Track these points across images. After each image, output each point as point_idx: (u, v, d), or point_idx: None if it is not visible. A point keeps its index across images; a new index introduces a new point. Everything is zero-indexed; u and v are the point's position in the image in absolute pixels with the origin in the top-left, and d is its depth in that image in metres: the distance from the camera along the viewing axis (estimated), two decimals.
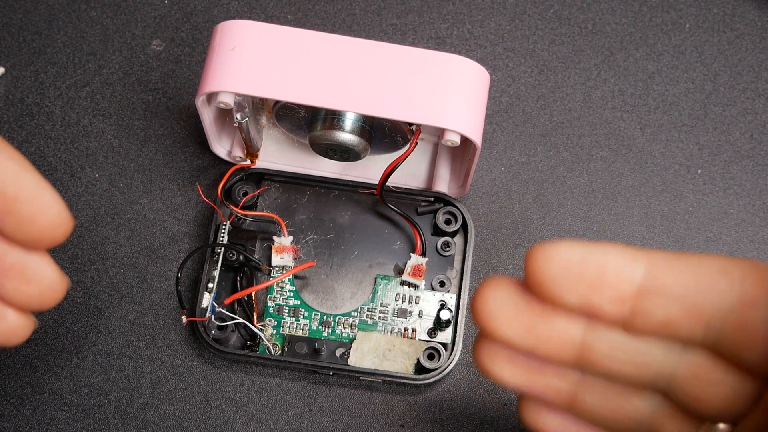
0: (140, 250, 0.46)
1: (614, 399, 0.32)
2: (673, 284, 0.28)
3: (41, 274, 0.32)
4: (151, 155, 0.48)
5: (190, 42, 0.50)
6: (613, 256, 0.28)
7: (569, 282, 0.28)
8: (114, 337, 0.44)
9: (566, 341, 0.30)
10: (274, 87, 0.39)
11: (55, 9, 0.50)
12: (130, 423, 0.43)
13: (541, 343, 0.30)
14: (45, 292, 0.33)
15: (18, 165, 0.31)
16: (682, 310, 0.28)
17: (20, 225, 0.31)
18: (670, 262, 0.28)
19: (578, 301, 0.29)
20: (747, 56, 0.50)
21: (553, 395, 0.32)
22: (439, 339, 0.44)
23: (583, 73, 0.50)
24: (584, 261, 0.28)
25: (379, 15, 0.51)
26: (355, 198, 0.46)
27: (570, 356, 0.30)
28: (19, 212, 0.31)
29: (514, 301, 0.30)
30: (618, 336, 0.30)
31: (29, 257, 0.32)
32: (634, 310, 0.29)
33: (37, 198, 0.31)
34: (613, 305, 0.29)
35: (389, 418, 0.43)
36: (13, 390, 0.43)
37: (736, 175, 0.48)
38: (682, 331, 0.29)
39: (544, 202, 0.47)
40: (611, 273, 0.28)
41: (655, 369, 0.30)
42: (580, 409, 0.32)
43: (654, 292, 0.28)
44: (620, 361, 0.30)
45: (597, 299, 0.28)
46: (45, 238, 0.31)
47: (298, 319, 0.44)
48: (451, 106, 0.40)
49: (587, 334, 0.30)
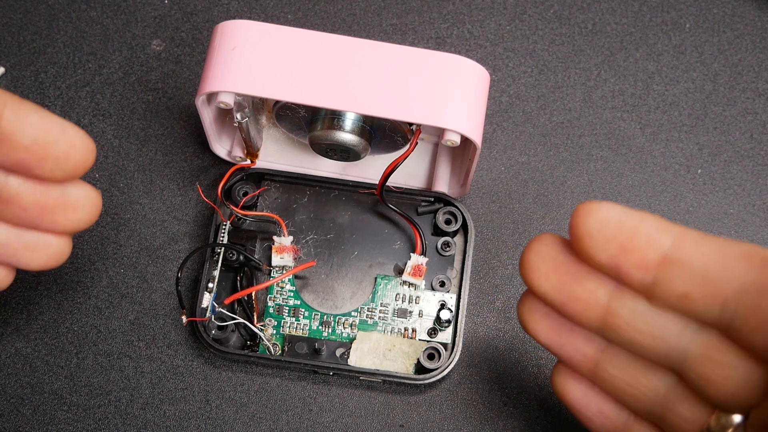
0: (140, 250, 0.46)
1: (633, 372, 0.34)
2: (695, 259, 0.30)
3: (83, 199, 0.36)
4: (151, 155, 0.48)
5: (190, 42, 0.50)
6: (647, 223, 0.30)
7: (603, 239, 0.31)
8: (114, 337, 0.44)
9: (593, 302, 0.32)
10: (274, 87, 0.39)
11: (55, 9, 0.50)
12: (130, 423, 0.43)
13: (571, 300, 0.33)
14: (91, 211, 0.36)
15: (38, 113, 0.34)
16: (701, 285, 0.30)
17: (57, 164, 0.34)
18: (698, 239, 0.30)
19: (608, 260, 0.31)
20: (747, 56, 0.50)
21: (579, 359, 0.35)
22: (439, 339, 0.44)
23: (583, 73, 0.50)
24: (620, 222, 0.31)
25: (379, 15, 0.51)
26: (355, 198, 0.46)
27: (595, 319, 0.33)
28: (54, 154, 0.33)
29: (555, 258, 0.33)
30: (640, 305, 0.32)
31: (68, 188, 0.35)
32: (657, 279, 0.30)
33: (64, 136, 0.34)
34: (638, 270, 0.30)
35: (389, 418, 0.44)
36: (13, 390, 0.43)
37: (736, 175, 0.48)
38: (698, 307, 0.30)
39: (544, 202, 0.47)
40: (641, 237, 0.30)
41: (670, 343, 0.31)
42: (602, 378, 0.35)
43: (677, 263, 0.30)
44: (640, 330, 0.32)
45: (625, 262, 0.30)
46: (79, 168, 0.34)
47: (298, 319, 0.44)
48: (451, 106, 0.40)
49: (613, 299, 0.32)
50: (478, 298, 0.46)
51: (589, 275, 0.32)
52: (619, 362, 0.34)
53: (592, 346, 0.34)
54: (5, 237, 0.36)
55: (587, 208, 0.31)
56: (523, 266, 0.34)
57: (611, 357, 0.34)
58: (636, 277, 0.31)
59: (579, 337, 0.35)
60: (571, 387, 0.36)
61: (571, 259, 0.32)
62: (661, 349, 0.32)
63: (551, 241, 0.33)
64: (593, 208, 0.31)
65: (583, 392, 0.36)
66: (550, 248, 0.33)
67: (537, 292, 0.34)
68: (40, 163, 0.34)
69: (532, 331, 0.36)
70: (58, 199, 0.35)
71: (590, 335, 0.34)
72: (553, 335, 0.35)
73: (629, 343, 0.33)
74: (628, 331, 0.32)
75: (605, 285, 0.32)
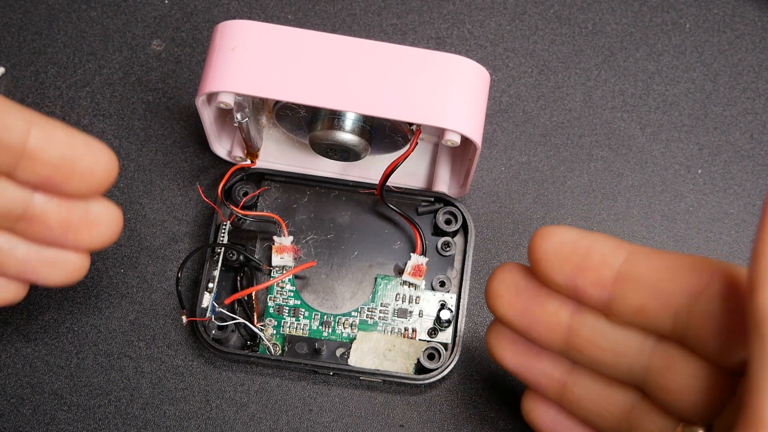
0: (140, 250, 0.46)
1: (598, 392, 0.35)
2: (647, 273, 0.31)
3: (106, 216, 0.36)
4: (151, 155, 0.48)
5: (190, 42, 0.50)
6: (600, 243, 0.32)
7: (559, 262, 0.32)
8: (114, 337, 0.44)
9: (556, 324, 0.34)
10: (274, 87, 0.39)
11: (55, 9, 0.50)
12: (130, 423, 0.43)
13: (535, 323, 0.34)
14: (113, 228, 0.37)
15: (64, 130, 0.34)
16: (654, 298, 0.31)
17: (83, 180, 0.34)
18: (649, 254, 0.31)
19: (566, 281, 0.32)
20: (747, 56, 0.50)
21: (546, 383, 0.36)
22: (439, 339, 0.44)
23: (583, 73, 0.50)
24: (575, 243, 0.32)
25: (379, 15, 0.51)
26: (355, 198, 0.46)
27: (559, 340, 0.34)
28: (81, 170, 0.34)
29: (517, 284, 0.34)
30: (600, 323, 0.33)
31: (91, 205, 0.36)
32: (613, 296, 0.32)
33: (89, 151, 0.34)
34: (594, 288, 0.32)
35: (389, 418, 0.43)
36: (13, 390, 0.43)
37: (736, 175, 0.48)
38: (653, 319, 0.31)
39: (544, 202, 0.47)
40: (596, 257, 0.32)
41: (631, 358, 0.33)
42: (569, 400, 0.36)
43: (630, 279, 0.31)
44: (601, 347, 0.33)
45: (581, 281, 0.32)
46: (104, 182, 0.35)
47: (299, 319, 0.44)
48: (451, 106, 0.40)
49: (574, 319, 0.33)
50: (478, 298, 0.46)
51: (550, 298, 0.34)
52: (585, 383, 0.35)
53: (558, 369, 0.36)
54: (25, 254, 0.36)
55: (543, 233, 0.33)
56: (488, 295, 0.35)
57: (577, 378, 0.35)
58: (593, 295, 0.32)
59: (545, 361, 0.36)
60: (540, 413, 0.38)
61: (532, 284, 0.34)
62: (623, 365, 0.33)
63: (513, 268, 0.35)
64: (549, 232, 0.33)
65: (551, 417, 0.37)
66: (513, 275, 0.34)
67: (502, 318, 0.35)
68: (68, 179, 0.34)
69: (499, 358, 0.37)
70: (81, 217, 0.36)
71: (556, 358, 0.36)
72: (520, 360, 0.36)
73: (592, 361, 0.34)
74: (590, 349, 0.33)
75: (566, 306, 0.33)
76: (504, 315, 0.35)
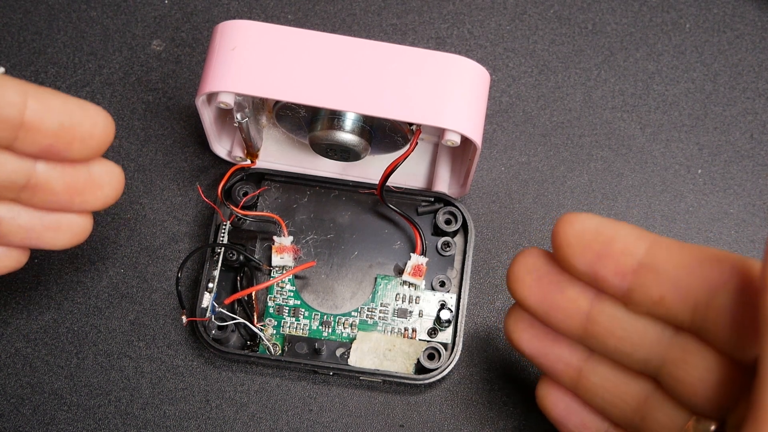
0: (140, 250, 0.46)
1: (614, 380, 0.35)
2: (668, 264, 0.31)
3: (108, 175, 0.36)
4: (151, 155, 0.48)
5: (190, 42, 0.50)
6: (623, 232, 0.32)
7: (581, 248, 0.32)
8: (114, 337, 0.44)
9: (575, 310, 0.34)
10: (274, 87, 0.39)
11: (55, 9, 0.50)
12: (130, 423, 0.43)
13: (554, 309, 0.34)
14: (117, 187, 0.37)
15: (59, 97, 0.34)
16: (673, 289, 0.31)
17: (83, 144, 0.34)
18: (671, 246, 0.31)
19: (587, 268, 0.32)
20: (747, 56, 0.50)
21: (562, 369, 0.36)
22: (439, 339, 0.44)
23: (583, 73, 0.50)
24: (597, 231, 0.32)
25: (379, 15, 0.51)
26: (355, 198, 0.46)
27: (577, 327, 0.34)
28: (80, 134, 0.34)
29: (538, 269, 0.34)
30: (619, 312, 0.33)
31: (93, 167, 0.36)
32: (633, 285, 0.32)
33: (86, 115, 0.34)
34: (615, 277, 0.32)
35: (389, 418, 0.43)
36: (13, 390, 0.43)
37: (736, 175, 0.48)
38: (672, 311, 0.31)
39: (544, 202, 0.47)
40: (617, 245, 0.32)
41: (649, 349, 0.33)
42: (585, 387, 0.36)
43: (651, 269, 0.31)
44: (619, 336, 0.33)
45: (602, 269, 0.32)
46: (103, 144, 0.35)
47: (298, 319, 0.44)
48: (451, 106, 0.40)
49: (593, 306, 0.33)
50: (478, 298, 0.46)
51: (571, 284, 0.34)
52: (601, 371, 0.35)
53: (575, 356, 0.36)
54: (29, 221, 0.36)
55: (567, 219, 0.33)
56: (509, 278, 0.35)
57: (593, 366, 0.35)
58: (613, 284, 0.32)
59: (562, 347, 0.36)
60: (554, 399, 0.38)
61: (554, 270, 0.34)
62: (640, 355, 0.33)
63: (536, 253, 0.35)
64: (572, 219, 0.33)
65: (565, 404, 0.37)
66: (535, 260, 0.35)
67: (522, 302, 0.35)
68: (68, 146, 0.34)
69: (516, 342, 0.37)
70: (86, 180, 0.36)
71: (573, 345, 0.36)
72: (538, 345, 0.36)
73: (609, 350, 0.34)
74: (608, 337, 0.33)
75: (586, 293, 0.34)
76: (524, 299, 0.35)
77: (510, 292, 0.35)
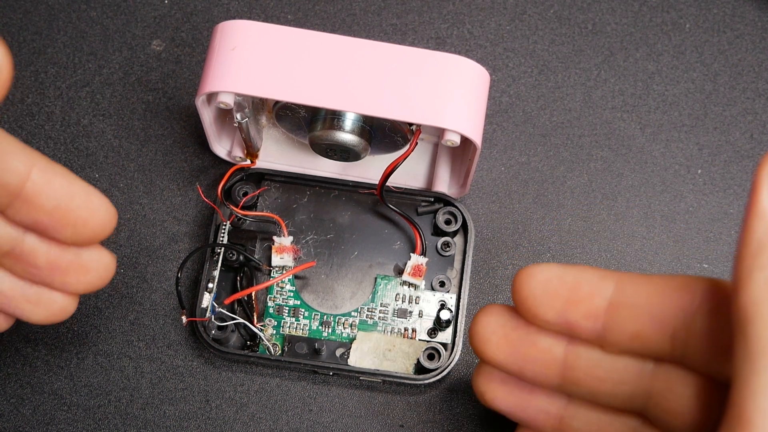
0: (140, 250, 0.46)
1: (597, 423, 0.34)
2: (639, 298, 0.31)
3: (97, 263, 0.36)
4: (151, 155, 0.48)
5: (190, 42, 0.50)
6: (586, 275, 0.31)
7: (548, 298, 0.32)
8: (114, 337, 0.44)
9: (550, 360, 0.33)
10: (274, 87, 0.39)
11: (55, 9, 0.50)
12: (130, 423, 0.43)
13: (528, 363, 0.33)
14: (103, 276, 0.36)
15: (65, 177, 0.33)
16: (649, 322, 0.30)
17: (76, 230, 0.34)
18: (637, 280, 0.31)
19: (556, 317, 0.32)
20: (747, 56, 0.50)
21: (543, 419, 0.35)
22: (439, 339, 0.44)
23: (583, 73, 0.50)
24: (560, 278, 0.32)
25: (379, 15, 0.51)
26: (355, 198, 0.46)
27: (554, 376, 0.33)
28: (75, 220, 0.33)
29: (503, 326, 0.33)
30: (596, 354, 0.32)
31: (84, 252, 0.35)
32: (607, 325, 0.31)
33: (87, 203, 0.34)
34: (587, 320, 0.31)
35: (389, 418, 0.44)
36: (13, 390, 0.43)
37: (736, 175, 0.48)
38: (651, 343, 0.31)
39: (544, 202, 0.47)
40: (584, 289, 0.31)
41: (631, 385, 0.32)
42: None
43: (623, 306, 0.31)
44: (599, 378, 0.32)
45: (573, 314, 0.31)
46: (98, 235, 0.34)
47: (298, 319, 0.44)
48: (451, 106, 0.40)
49: (568, 353, 0.33)
50: (478, 298, 0.46)
51: (541, 335, 0.33)
52: (583, 415, 0.34)
53: (554, 405, 0.35)
54: (9, 288, 0.35)
55: (527, 272, 0.32)
56: (473, 339, 0.34)
57: (575, 411, 0.35)
58: (587, 327, 0.31)
59: (539, 398, 0.35)
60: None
61: (520, 323, 0.33)
62: (623, 393, 0.32)
63: (497, 310, 0.34)
64: (533, 271, 0.32)
65: None
66: (497, 317, 0.34)
67: (492, 361, 0.34)
68: (61, 227, 0.33)
69: (490, 401, 0.36)
70: (72, 262, 0.35)
71: (551, 394, 0.35)
72: (514, 400, 0.35)
73: (591, 393, 0.33)
74: (588, 381, 0.33)
75: (559, 341, 0.33)
76: (493, 358, 0.34)
77: (476, 353, 0.34)
